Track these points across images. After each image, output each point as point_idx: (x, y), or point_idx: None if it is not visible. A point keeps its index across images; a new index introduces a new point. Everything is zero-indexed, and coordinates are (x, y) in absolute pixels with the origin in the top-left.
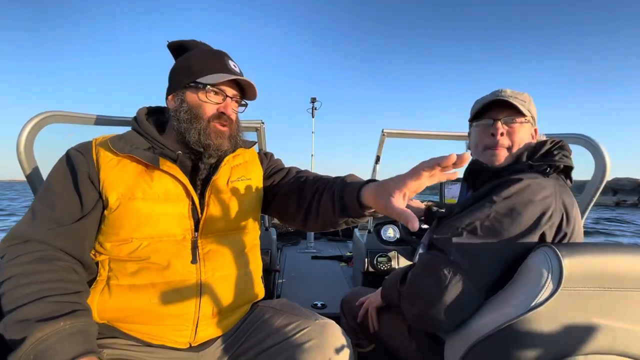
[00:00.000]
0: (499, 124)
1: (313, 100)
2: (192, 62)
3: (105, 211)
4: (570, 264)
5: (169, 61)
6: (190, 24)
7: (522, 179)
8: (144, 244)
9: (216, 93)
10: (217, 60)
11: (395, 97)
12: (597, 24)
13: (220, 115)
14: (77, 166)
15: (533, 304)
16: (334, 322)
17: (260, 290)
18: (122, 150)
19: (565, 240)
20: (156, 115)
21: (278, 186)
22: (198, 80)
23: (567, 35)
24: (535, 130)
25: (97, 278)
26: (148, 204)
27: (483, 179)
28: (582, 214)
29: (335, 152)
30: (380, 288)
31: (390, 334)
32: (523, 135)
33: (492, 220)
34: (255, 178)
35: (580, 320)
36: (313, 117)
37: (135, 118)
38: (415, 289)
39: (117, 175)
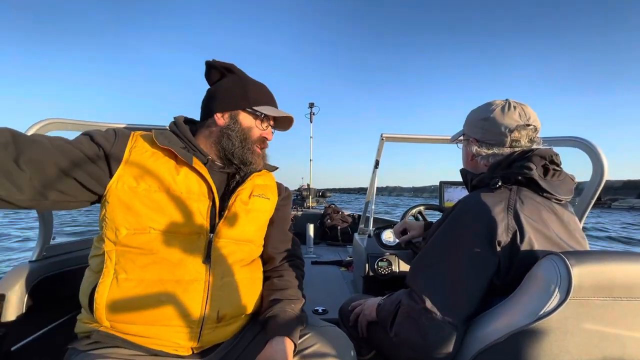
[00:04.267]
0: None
1: (311, 105)
2: (248, 91)
3: (130, 197)
4: (580, 273)
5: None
6: (188, 30)
7: (460, 202)
8: (159, 236)
9: (262, 121)
10: (271, 97)
11: (394, 102)
12: (593, 24)
13: (264, 140)
14: (104, 138)
15: (541, 313)
16: (335, 327)
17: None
18: (162, 143)
19: (524, 250)
20: (189, 124)
21: (269, 224)
22: (256, 108)
23: (566, 35)
24: (472, 142)
25: (104, 270)
26: (171, 197)
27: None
28: (580, 217)
29: (333, 156)
30: (377, 304)
31: (389, 346)
32: (462, 153)
33: (441, 253)
34: (271, 200)
35: (589, 329)
36: (311, 122)
37: (174, 122)
38: (400, 338)
39: (150, 166)
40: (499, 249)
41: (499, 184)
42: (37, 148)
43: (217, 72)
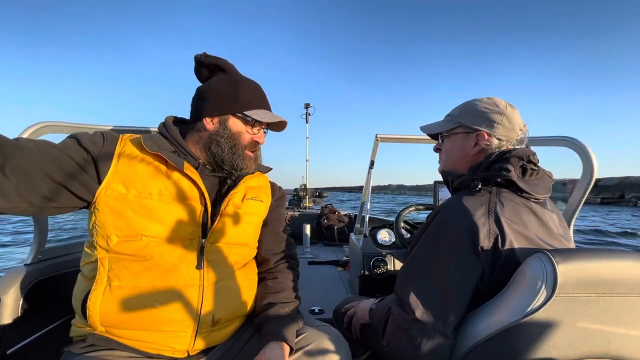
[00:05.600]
0: (438, 141)
1: (307, 106)
2: (239, 93)
3: (120, 204)
4: (565, 270)
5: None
6: (184, 29)
7: (441, 208)
8: (152, 243)
9: (253, 126)
10: (262, 99)
11: (389, 102)
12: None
13: (256, 144)
14: (92, 142)
15: (528, 310)
16: (331, 326)
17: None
18: (151, 148)
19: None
20: (179, 125)
21: (263, 226)
22: (247, 113)
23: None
24: (480, 136)
25: (97, 277)
26: (162, 204)
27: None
28: (571, 216)
29: (329, 156)
30: (370, 306)
31: (382, 349)
32: (449, 148)
33: (427, 261)
34: (265, 202)
35: (574, 325)
36: (307, 122)
37: (163, 124)
38: (392, 348)
39: (140, 172)
40: (482, 254)
41: (479, 186)
42: (24, 154)
43: (206, 69)
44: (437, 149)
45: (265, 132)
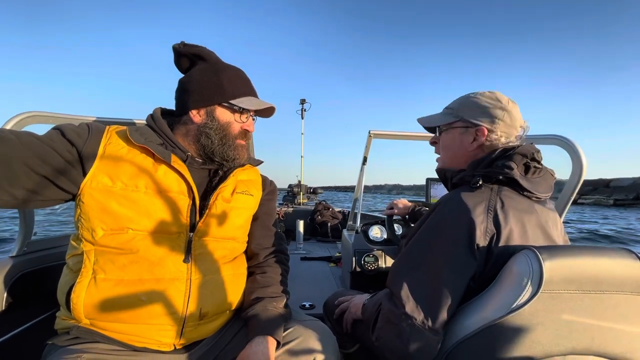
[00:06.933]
0: (435, 135)
1: (302, 101)
2: (224, 82)
3: (106, 197)
4: (551, 266)
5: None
6: (178, 25)
7: (440, 202)
8: (138, 236)
9: (241, 114)
10: (248, 85)
11: (384, 99)
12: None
13: (246, 133)
14: (77, 134)
15: (513, 306)
16: (319, 321)
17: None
18: (137, 140)
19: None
20: (167, 117)
21: (253, 220)
22: (233, 102)
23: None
24: (479, 131)
25: (82, 270)
26: (149, 197)
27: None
28: (560, 215)
29: (324, 153)
30: (363, 302)
31: (373, 345)
32: (447, 142)
33: (422, 256)
34: (255, 196)
35: (559, 322)
36: (302, 118)
37: (151, 116)
38: (381, 343)
39: (126, 164)
40: (477, 253)
41: (480, 182)
42: (4, 145)
43: (186, 59)
44: (433, 142)
45: (254, 120)
